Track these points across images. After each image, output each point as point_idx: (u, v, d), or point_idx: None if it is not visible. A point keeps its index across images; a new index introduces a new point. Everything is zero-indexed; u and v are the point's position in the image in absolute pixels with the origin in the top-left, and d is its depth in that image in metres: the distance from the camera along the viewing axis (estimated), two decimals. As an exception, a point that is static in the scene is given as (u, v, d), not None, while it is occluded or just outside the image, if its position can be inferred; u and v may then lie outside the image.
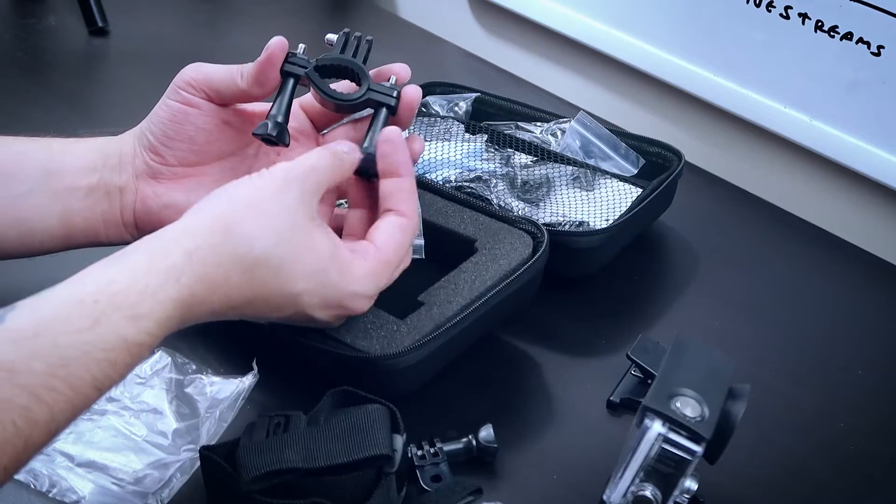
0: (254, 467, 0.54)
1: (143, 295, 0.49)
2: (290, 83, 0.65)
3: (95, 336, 0.47)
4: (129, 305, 0.48)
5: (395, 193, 0.63)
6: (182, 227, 0.54)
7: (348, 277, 0.59)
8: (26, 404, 0.44)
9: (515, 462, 0.64)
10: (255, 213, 0.55)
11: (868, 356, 0.77)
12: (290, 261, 0.56)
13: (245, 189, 0.57)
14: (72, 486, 0.58)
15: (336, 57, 0.65)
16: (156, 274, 0.50)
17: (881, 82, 0.86)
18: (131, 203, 0.65)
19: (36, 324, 0.46)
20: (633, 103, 1.08)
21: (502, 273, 0.69)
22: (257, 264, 0.55)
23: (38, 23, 1.14)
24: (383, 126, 0.65)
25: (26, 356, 0.45)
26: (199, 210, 0.56)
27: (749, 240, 0.90)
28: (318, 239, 0.58)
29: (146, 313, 0.49)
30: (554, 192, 0.82)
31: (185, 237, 0.53)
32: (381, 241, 0.61)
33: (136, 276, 0.50)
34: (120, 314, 0.48)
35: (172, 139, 0.65)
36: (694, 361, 0.58)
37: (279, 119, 0.64)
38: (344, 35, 0.66)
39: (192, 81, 0.64)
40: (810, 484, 0.65)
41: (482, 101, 0.93)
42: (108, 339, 0.47)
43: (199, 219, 0.55)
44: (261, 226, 0.55)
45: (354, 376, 0.62)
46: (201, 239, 0.53)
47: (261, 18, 1.22)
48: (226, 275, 0.54)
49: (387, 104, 0.65)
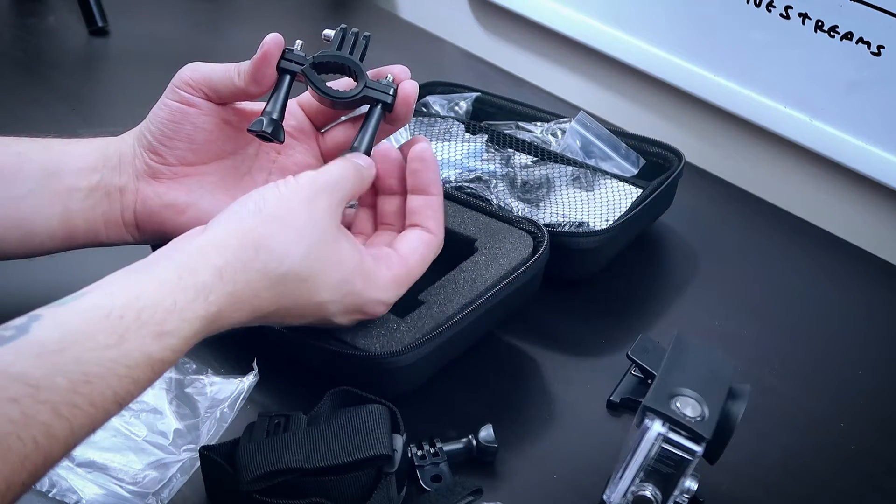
0: (254, 467, 0.54)
1: (171, 312, 0.49)
2: (287, 80, 0.65)
3: (120, 353, 0.46)
4: (155, 322, 0.48)
5: (423, 211, 0.64)
6: (211, 241, 0.53)
7: (372, 285, 0.60)
8: (48, 421, 0.43)
9: (515, 462, 0.64)
10: (284, 228, 0.55)
11: (868, 356, 0.77)
12: (318, 272, 0.57)
13: (273, 200, 0.56)
14: (72, 486, 0.58)
15: (333, 54, 0.65)
16: (184, 291, 0.50)
17: (881, 82, 0.86)
18: (132, 203, 0.65)
19: (61, 338, 0.45)
20: (633, 103, 1.08)
21: (502, 272, 0.69)
22: (286, 278, 0.55)
23: (38, 23, 1.14)
24: (377, 123, 0.65)
25: (50, 372, 0.44)
26: (228, 221, 0.55)
27: (749, 240, 0.90)
28: (344, 249, 0.58)
29: (172, 330, 0.48)
30: (554, 193, 0.82)
31: (215, 253, 0.52)
32: (407, 251, 0.62)
33: (163, 292, 0.49)
34: (146, 331, 0.47)
35: (172, 139, 0.65)
36: (694, 361, 0.58)
37: (274, 116, 0.64)
38: (341, 31, 0.66)
39: (190, 81, 0.64)
40: (811, 484, 0.65)
41: (482, 100, 0.93)
42: (133, 355, 0.46)
43: (229, 232, 0.54)
44: (290, 241, 0.55)
45: (354, 375, 0.62)
46: (231, 255, 0.53)
47: (261, 18, 1.23)
48: (254, 291, 0.54)
49: (383, 101, 0.65)
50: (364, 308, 0.61)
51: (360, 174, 0.62)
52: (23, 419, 0.42)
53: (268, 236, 0.54)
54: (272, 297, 0.55)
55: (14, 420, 0.42)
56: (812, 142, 0.93)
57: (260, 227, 0.55)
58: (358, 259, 0.59)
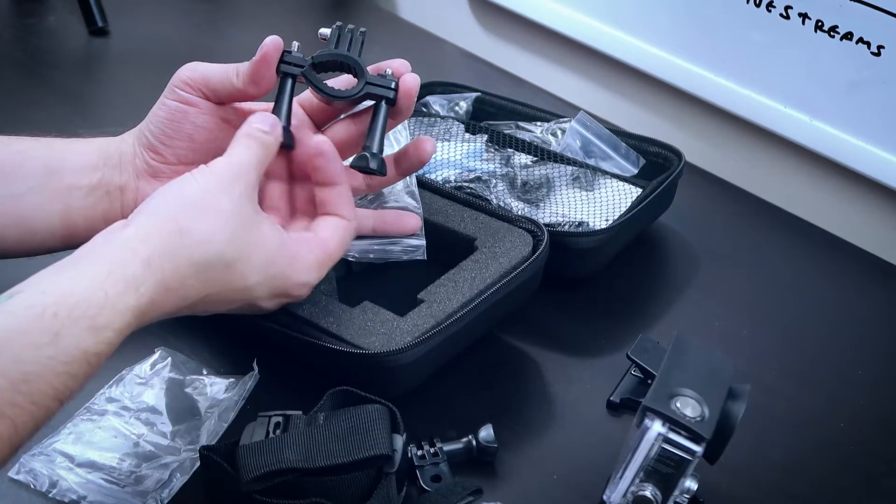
0: (254, 467, 0.54)
1: (103, 306, 0.49)
2: (289, 83, 0.65)
3: (56, 350, 0.47)
4: (89, 317, 0.48)
5: (335, 200, 0.64)
6: (136, 233, 0.54)
7: (296, 267, 0.61)
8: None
9: (515, 462, 0.64)
10: (206, 214, 0.56)
11: (868, 356, 0.77)
12: (243, 257, 0.57)
13: (192, 188, 0.57)
14: (72, 486, 0.58)
15: (331, 52, 0.65)
16: (115, 283, 0.50)
17: (881, 82, 0.86)
18: (132, 202, 0.65)
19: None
20: (633, 103, 1.08)
21: (502, 271, 0.69)
22: (211, 264, 0.56)
23: (38, 23, 1.14)
24: (385, 120, 0.65)
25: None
26: (151, 212, 0.56)
27: (749, 240, 0.90)
28: (266, 232, 0.59)
29: (106, 324, 0.49)
30: (554, 193, 0.82)
31: (141, 244, 0.53)
32: (326, 235, 0.63)
33: (94, 287, 0.50)
34: (80, 327, 0.48)
35: (171, 138, 0.65)
36: (694, 361, 0.58)
37: (283, 123, 0.64)
38: (337, 28, 0.66)
39: (188, 80, 0.64)
40: (810, 484, 0.65)
41: (482, 100, 0.93)
42: (69, 351, 0.47)
43: (153, 221, 0.55)
44: (214, 226, 0.56)
45: (354, 374, 0.62)
46: (157, 243, 0.53)
47: (261, 18, 1.23)
48: (182, 278, 0.54)
49: (385, 97, 0.65)
50: (289, 291, 0.61)
51: (262, 144, 0.61)
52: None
53: (191, 223, 0.55)
54: (199, 284, 0.55)
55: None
56: (812, 142, 0.93)
57: (182, 214, 0.55)
58: (280, 240, 0.60)
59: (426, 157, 0.67)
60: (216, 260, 0.56)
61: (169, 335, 0.69)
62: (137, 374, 0.66)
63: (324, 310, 0.65)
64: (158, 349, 0.67)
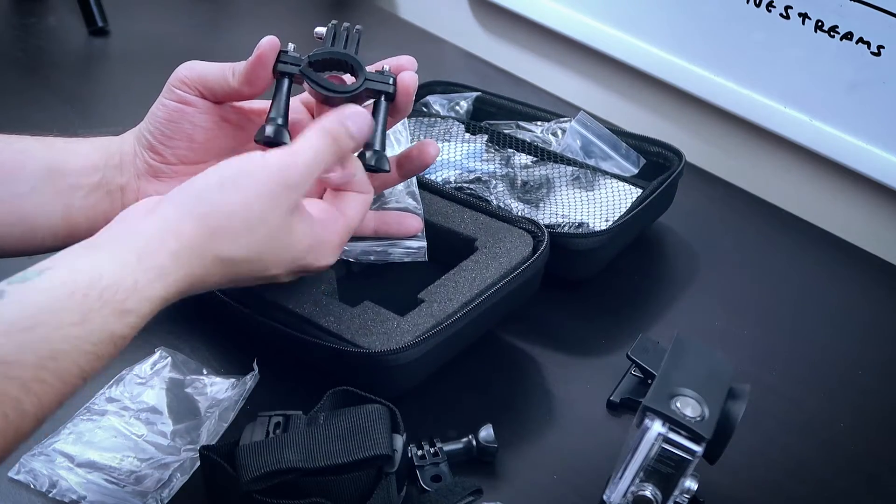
0: (254, 467, 0.54)
1: (132, 292, 0.50)
2: (286, 83, 0.64)
3: (85, 330, 0.48)
4: (117, 301, 0.49)
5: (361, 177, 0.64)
6: (168, 226, 0.54)
7: (323, 252, 0.61)
8: (17, 396, 0.45)
9: (515, 462, 0.64)
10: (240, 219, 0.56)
11: (868, 356, 0.77)
12: (271, 256, 0.58)
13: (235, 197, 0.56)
14: (72, 486, 0.58)
15: (328, 51, 0.64)
16: (145, 272, 0.51)
17: (881, 82, 0.86)
18: (133, 202, 0.65)
19: (28, 316, 0.47)
20: (633, 103, 1.08)
21: (503, 271, 0.69)
22: (237, 262, 0.56)
23: (38, 23, 1.14)
24: (385, 115, 0.64)
25: (18, 349, 0.45)
26: (185, 204, 0.55)
27: (749, 240, 0.90)
28: (299, 235, 0.59)
29: (133, 309, 0.50)
30: (554, 193, 0.82)
31: (172, 238, 0.53)
32: (353, 213, 0.63)
33: (125, 272, 0.51)
34: (109, 309, 0.49)
35: (171, 138, 0.65)
36: (694, 361, 0.58)
37: (279, 122, 0.63)
38: (332, 27, 0.65)
39: (185, 79, 0.64)
40: (811, 484, 0.65)
41: (483, 100, 0.93)
42: (97, 333, 0.48)
43: (185, 216, 0.55)
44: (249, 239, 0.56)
45: (355, 373, 0.62)
46: (187, 240, 0.54)
47: (260, 18, 1.23)
48: (207, 271, 0.55)
49: (385, 91, 0.64)
50: (310, 271, 0.62)
51: (339, 148, 0.60)
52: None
53: (223, 225, 0.55)
54: (223, 275, 0.57)
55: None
56: (812, 142, 0.93)
57: (216, 214, 0.55)
58: (311, 237, 0.60)
59: (429, 161, 0.67)
60: (243, 260, 0.57)
61: (169, 335, 0.69)
62: (137, 374, 0.66)
63: (324, 309, 0.65)
64: (158, 349, 0.67)
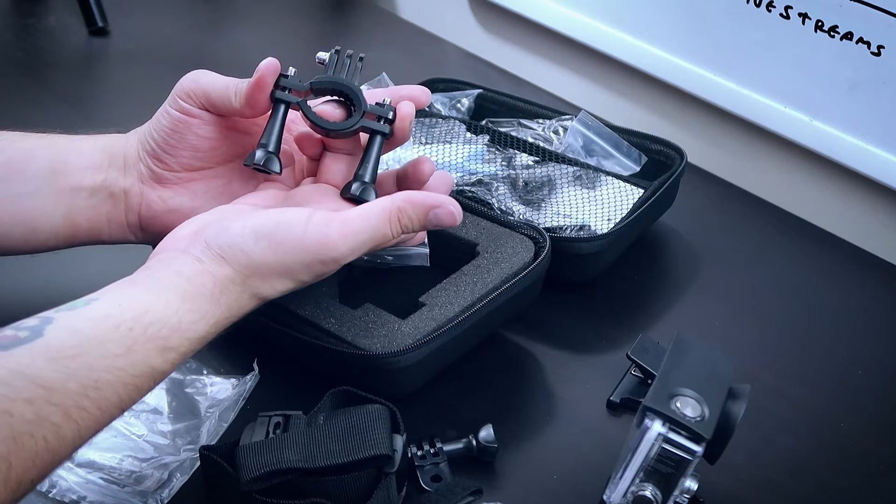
0: (254, 467, 0.54)
1: (176, 330, 0.53)
2: (282, 109, 0.63)
3: (127, 363, 0.49)
4: (161, 338, 0.52)
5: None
6: (205, 269, 0.56)
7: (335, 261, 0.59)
8: (58, 422, 0.46)
9: (515, 462, 0.64)
10: (273, 273, 0.58)
11: (868, 356, 0.77)
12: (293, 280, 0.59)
13: (266, 250, 0.57)
14: (72, 486, 0.58)
15: (330, 79, 0.64)
16: (188, 313, 0.54)
17: (881, 82, 0.86)
18: (136, 206, 0.65)
19: (75, 344, 0.48)
20: (633, 103, 1.08)
21: (504, 276, 0.69)
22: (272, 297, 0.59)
23: (38, 23, 1.14)
24: (379, 151, 0.64)
25: (63, 376, 0.47)
26: (221, 250, 0.57)
27: (749, 240, 0.90)
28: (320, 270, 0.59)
29: (175, 346, 0.53)
30: (556, 193, 0.82)
31: (210, 280, 0.56)
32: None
33: (169, 311, 0.53)
34: (152, 345, 0.51)
35: (175, 147, 0.64)
36: (694, 361, 0.58)
37: (270, 148, 0.63)
38: (336, 53, 0.65)
39: (189, 92, 0.63)
40: (811, 484, 0.65)
41: (484, 97, 0.93)
42: (139, 366, 0.50)
43: (228, 261, 0.57)
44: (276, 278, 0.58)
45: (355, 375, 0.62)
46: (226, 286, 0.56)
47: (261, 18, 1.23)
48: (242, 306, 0.58)
49: (381, 132, 0.64)
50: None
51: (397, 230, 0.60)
52: (36, 419, 0.45)
53: (257, 273, 0.57)
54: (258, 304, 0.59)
55: (29, 420, 0.44)
56: (812, 142, 0.93)
57: (251, 266, 0.57)
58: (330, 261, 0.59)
59: (425, 179, 0.66)
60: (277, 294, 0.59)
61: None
62: (137, 374, 0.66)
63: (325, 311, 0.65)
64: (158, 349, 0.67)
